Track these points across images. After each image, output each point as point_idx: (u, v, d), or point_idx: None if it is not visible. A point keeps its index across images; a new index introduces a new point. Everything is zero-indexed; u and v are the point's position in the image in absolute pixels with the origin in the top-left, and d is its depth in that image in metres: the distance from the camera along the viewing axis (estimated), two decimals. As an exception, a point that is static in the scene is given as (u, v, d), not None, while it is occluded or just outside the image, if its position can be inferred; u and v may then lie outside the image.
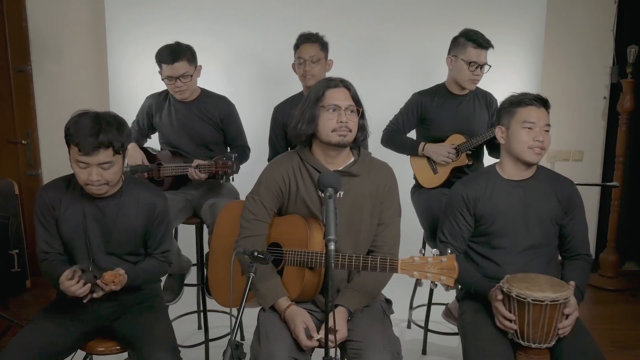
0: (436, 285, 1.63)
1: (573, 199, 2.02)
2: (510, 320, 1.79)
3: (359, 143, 1.95)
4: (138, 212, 1.97)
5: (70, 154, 1.82)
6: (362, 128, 1.92)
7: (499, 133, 2.04)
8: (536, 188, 2.01)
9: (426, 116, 2.75)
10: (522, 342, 1.80)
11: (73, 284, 1.76)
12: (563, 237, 2.05)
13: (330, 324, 1.60)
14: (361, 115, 1.90)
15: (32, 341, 1.81)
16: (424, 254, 1.65)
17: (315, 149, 1.92)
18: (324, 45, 2.73)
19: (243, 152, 2.82)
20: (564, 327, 1.78)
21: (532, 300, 1.72)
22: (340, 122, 1.83)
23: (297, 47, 2.73)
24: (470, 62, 2.61)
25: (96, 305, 1.94)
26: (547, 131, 1.97)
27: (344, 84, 1.90)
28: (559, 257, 2.10)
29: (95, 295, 1.82)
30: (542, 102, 1.97)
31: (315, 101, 1.87)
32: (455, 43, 2.67)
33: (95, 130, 1.75)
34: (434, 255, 1.63)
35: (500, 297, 1.82)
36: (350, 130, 1.85)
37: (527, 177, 2.02)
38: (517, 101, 1.99)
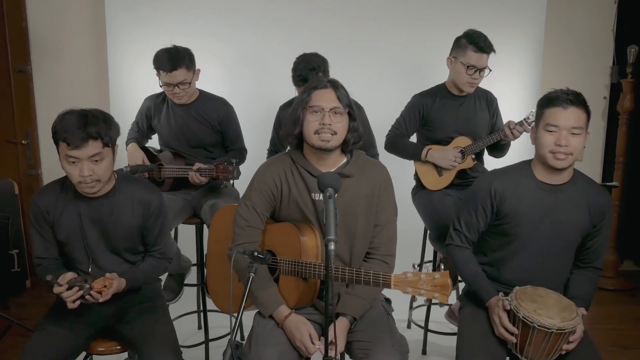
0: (430, 301, 1.61)
1: (605, 212, 1.90)
2: (512, 334, 1.77)
3: (350, 147, 1.87)
4: (133, 209, 1.97)
5: (59, 153, 1.82)
6: (354, 130, 1.85)
7: (532, 134, 1.94)
8: (569, 197, 1.88)
9: (428, 118, 2.73)
10: (519, 356, 1.78)
11: (63, 289, 1.77)
12: (582, 247, 1.95)
13: (330, 334, 1.59)
14: (352, 117, 1.85)
15: (44, 348, 1.81)
16: (415, 267, 1.63)
17: (306, 150, 1.89)
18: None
19: (240, 155, 2.82)
20: (567, 349, 1.76)
21: (539, 326, 1.68)
22: (323, 124, 1.78)
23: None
24: (468, 66, 2.56)
25: (98, 306, 1.94)
26: (577, 134, 1.81)
27: (332, 85, 1.83)
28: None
29: (87, 299, 1.80)
30: (571, 102, 1.81)
31: (301, 102, 1.84)
32: (457, 44, 2.63)
33: (82, 123, 1.76)
34: (426, 272, 1.59)
35: (508, 307, 1.78)
36: (335, 133, 1.79)
37: (562, 183, 1.89)
38: (545, 102, 1.87)
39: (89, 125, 1.77)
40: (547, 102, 1.86)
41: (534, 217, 1.89)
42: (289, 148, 1.98)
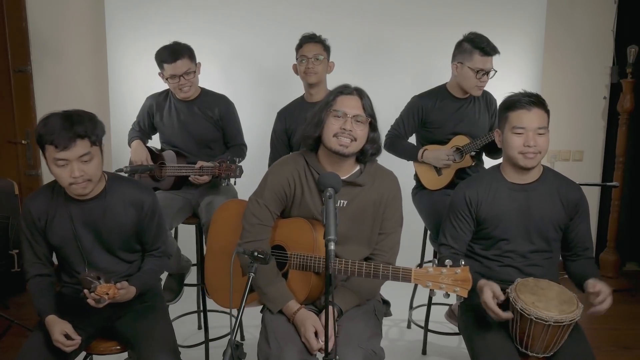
0: (449, 295, 1.62)
1: (579, 204, 1.97)
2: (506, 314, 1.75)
3: (367, 158, 1.89)
4: (126, 209, 1.96)
5: (46, 157, 1.80)
6: (373, 141, 1.87)
7: (496, 137, 2.02)
8: (540, 193, 1.96)
9: (427, 119, 2.73)
10: (519, 348, 1.80)
11: (61, 339, 1.78)
12: (567, 242, 2.01)
13: (324, 322, 1.61)
14: (373, 128, 1.87)
15: (41, 347, 1.81)
16: (435, 263, 1.65)
17: (321, 154, 1.90)
18: (326, 47, 2.73)
19: (240, 151, 2.83)
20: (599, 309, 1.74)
21: (536, 318, 1.69)
22: (344, 128, 1.80)
23: (299, 46, 2.74)
24: (478, 71, 2.57)
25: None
26: (542, 134, 1.89)
27: (358, 93, 1.86)
28: (559, 259, 2.08)
29: (85, 294, 1.77)
30: (533, 103, 1.88)
31: (325, 105, 1.86)
32: (461, 49, 2.61)
33: (67, 123, 1.74)
34: (447, 266, 1.62)
35: (489, 294, 1.76)
36: (355, 140, 1.81)
37: (531, 181, 1.97)
38: (508, 105, 1.93)
39: (75, 125, 1.74)
40: (511, 105, 1.92)
41: (511, 217, 1.96)
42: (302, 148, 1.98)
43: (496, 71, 2.62)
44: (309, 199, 1.87)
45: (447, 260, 1.64)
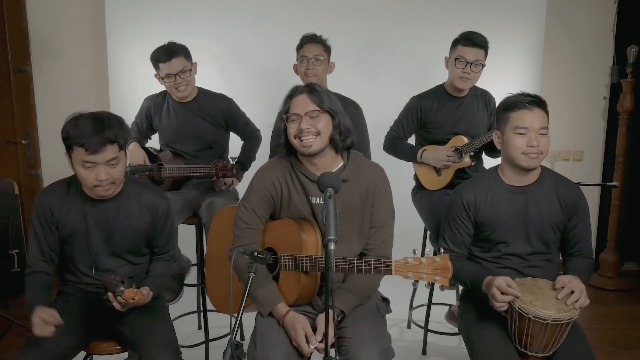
0: (432, 285, 1.63)
1: (577, 204, 1.95)
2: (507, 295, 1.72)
3: (340, 144, 1.86)
4: (140, 213, 1.97)
5: (72, 157, 1.81)
6: (337, 127, 1.84)
7: (495, 138, 1.99)
8: (539, 194, 1.94)
9: (426, 119, 2.73)
10: (519, 348, 1.80)
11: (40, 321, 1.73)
12: (566, 241, 2.00)
13: (322, 327, 1.62)
14: (333, 114, 1.84)
15: (41, 347, 1.80)
16: (415, 253, 1.65)
17: (300, 156, 1.91)
18: (327, 47, 2.73)
19: (255, 139, 2.86)
20: (572, 303, 1.72)
21: (534, 317, 1.70)
22: (300, 129, 1.80)
23: (300, 47, 2.73)
24: (456, 58, 2.57)
25: (99, 306, 1.95)
26: (544, 134, 1.88)
27: (307, 90, 1.85)
28: (559, 259, 2.07)
29: (110, 297, 1.78)
30: (535, 103, 1.87)
31: (281, 113, 1.89)
32: (452, 43, 2.66)
33: (98, 127, 1.76)
34: (427, 255, 1.62)
35: (497, 283, 1.73)
36: (319, 133, 1.81)
37: (529, 183, 1.95)
38: (509, 105, 1.90)
39: (106, 130, 1.76)
40: (512, 105, 1.90)
41: (509, 220, 1.94)
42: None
43: (484, 65, 2.61)
44: (297, 200, 1.88)
45: (427, 250, 1.64)
